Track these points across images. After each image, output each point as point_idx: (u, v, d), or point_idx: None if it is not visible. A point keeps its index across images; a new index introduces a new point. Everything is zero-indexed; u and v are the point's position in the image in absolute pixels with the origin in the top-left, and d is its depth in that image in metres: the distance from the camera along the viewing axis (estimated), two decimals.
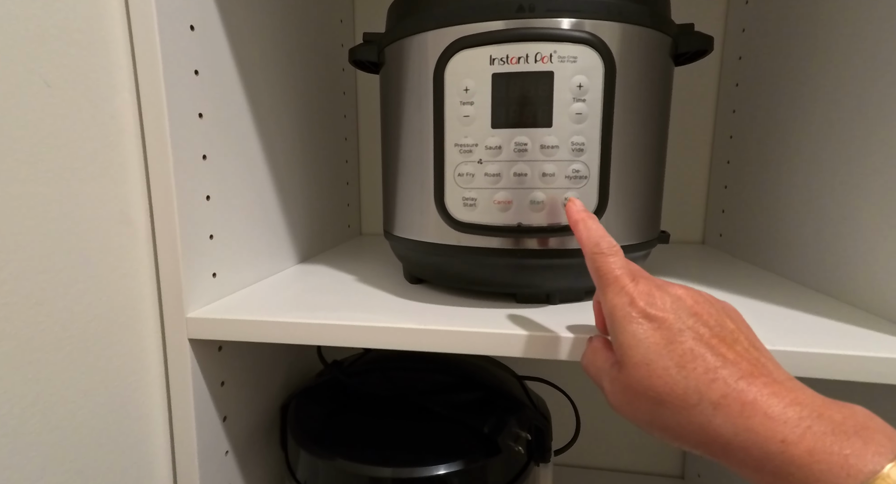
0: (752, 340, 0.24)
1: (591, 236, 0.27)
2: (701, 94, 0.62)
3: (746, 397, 0.20)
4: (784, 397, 0.20)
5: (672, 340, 0.22)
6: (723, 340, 0.23)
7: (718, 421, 0.21)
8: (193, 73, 0.34)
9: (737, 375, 0.21)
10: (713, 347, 0.22)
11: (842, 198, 0.38)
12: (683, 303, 0.24)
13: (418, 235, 0.38)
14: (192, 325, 0.34)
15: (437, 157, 0.34)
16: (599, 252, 0.27)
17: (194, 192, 0.34)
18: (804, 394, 0.20)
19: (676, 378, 0.22)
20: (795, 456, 0.19)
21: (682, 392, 0.22)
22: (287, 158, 0.48)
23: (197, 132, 0.34)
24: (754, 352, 0.23)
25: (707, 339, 0.22)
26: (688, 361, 0.22)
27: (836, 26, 0.39)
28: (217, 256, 0.37)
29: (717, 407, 0.21)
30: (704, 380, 0.21)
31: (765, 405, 0.20)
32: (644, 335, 0.23)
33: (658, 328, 0.23)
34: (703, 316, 0.23)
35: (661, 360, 0.22)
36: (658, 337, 0.23)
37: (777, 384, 0.21)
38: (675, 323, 0.23)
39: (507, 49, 0.31)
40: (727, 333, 0.23)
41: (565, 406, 0.55)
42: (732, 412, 0.20)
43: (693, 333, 0.23)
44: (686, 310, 0.23)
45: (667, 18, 0.35)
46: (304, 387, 0.48)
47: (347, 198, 0.67)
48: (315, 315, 0.34)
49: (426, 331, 0.32)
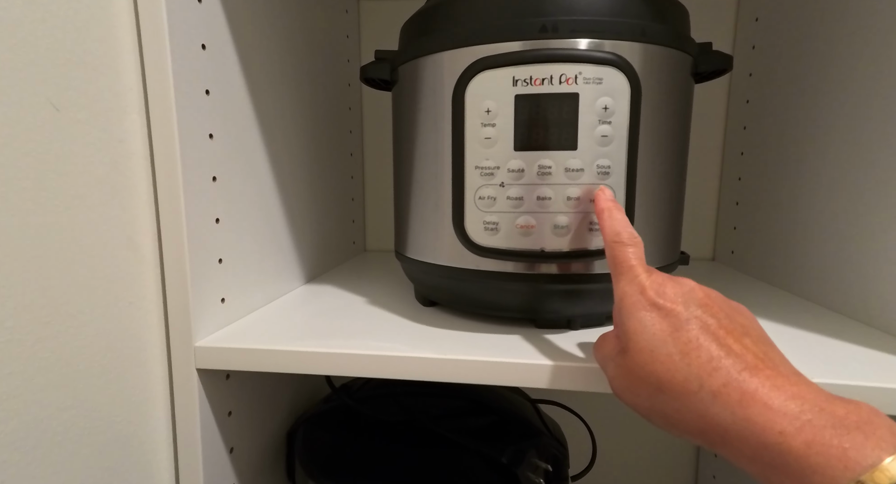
0: (761, 336, 0.23)
1: (614, 225, 0.27)
2: (711, 110, 0.62)
3: (747, 387, 0.20)
4: (786, 390, 0.20)
5: (678, 328, 0.22)
6: (730, 333, 0.22)
7: (716, 409, 0.20)
8: (204, 92, 0.33)
9: (740, 366, 0.21)
10: (719, 338, 0.22)
11: (863, 216, 0.37)
12: (694, 295, 0.24)
13: (434, 258, 0.37)
14: (201, 354, 0.32)
15: (455, 179, 0.33)
16: (619, 241, 0.27)
17: (204, 215, 0.33)
18: (808, 389, 0.20)
19: (679, 365, 0.22)
20: (793, 447, 0.18)
21: (683, 379, 0.22)
22: (295, 176, 0.47)
23: (207, 153, 0.33)
24: (762, 346, 0.22)
25: (714, 329, 0.22)
26: (691, 349, 0.22)
27: (848, 42, 0.39)
28: (226, 281, 0.36)
29: (716, 395, 0.21)
30: (707, 368, 0.21)
31: (765, 396, 0.20)
32: (650, 322, 0.23)
33: (665, 317, 0.23)
34: (713, 308, 0.23)
35: (665, 346, 0.22)
36: (664, 325, 0.23)
37: (781, 377, 0.20)
38: (683, 313, 0.23)
39: (530, 70, 0.30)
40: (735, 327, 0.23)
41: (579, 429, 0.53)
42: (731, 401, 0.20)
43: (700, 323, 0.23)
44: (695, 301, 0.23)
45: (688, 37, 0.34)
46: (311, 413, 0.46)
47: (352, 214, 0.66)
48: (327, 343, 0.33)
49: (446, 361, 0.31)
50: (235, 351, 0.32)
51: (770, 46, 0.52)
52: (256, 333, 0.35)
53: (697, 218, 0.64)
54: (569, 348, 0.32)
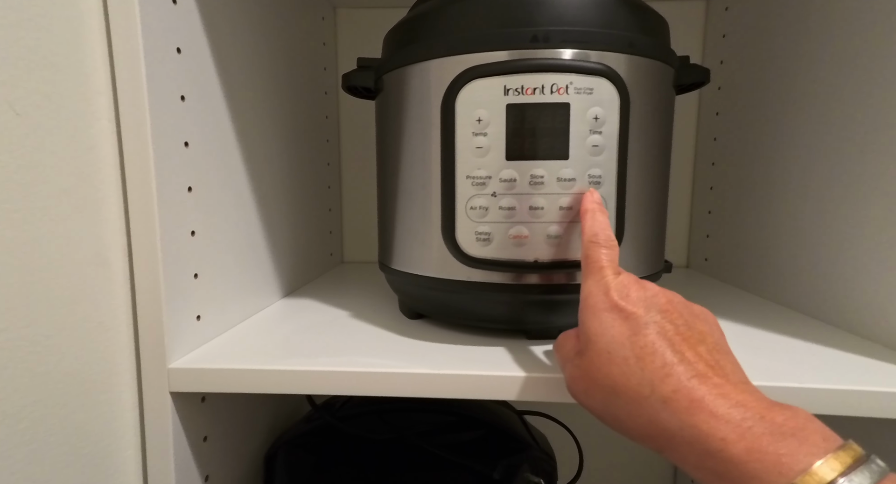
0: (717, 343, 0.24)
1: (594, 226, 0.28)
2: (683, 122, 0.64)
3: (695, 395, 0.21)
4: (731, 398, 0.20)
5: (636, 332, 0.23)
6: (685, 339, 0.23)
7: (665, 415, 0.21)
8: (180, 98, 0.31)
9: (690, 373, 0.21)
10: (674, 345, 0.22)
11: (829, 222, 0.39)
12: (656, 300, 0.24)
13: (422, 270, 0.36)
14: (175, 376, 0.30)
15: (446, 189, 0.33)
16: (595, 242, 0.27)
17: (179, 227, 0.31)
18: (752, 397, 0.21)
19: (633, 369, 0.22)
20: (734, 455, 0.19)
21: (637, 384, 0.22)
22: (273, 186, 0.45)
23: (182, 162, 0.31)
24: (716, 354, 0.23)
25: (670, 336, 0.23)
26: (647, 354, 0.22)
27: (809, 57, 0.41)
28: (202, 297, 0.34)
29: (666, 401, 0.21)
30: (659, 374, 0.22)
31: (711, 404, 0.20)
32: (610, 324, 0.24)
33: (625, 320, 0.23)
34: (672, 314, 0.24)
35: (621, 350, 0.23)
36: (624, 328, 0.23)
37: (729, 385, 0.21)
38: (643, 317, 0.23)
39: (522, 79, 0.30)
40: (693, 334, 0.23)
41: (565, 439, 0.53)
42: (680, 408, 0.21)
43: (657, 328, 0.23)
44: (656, 306, 0.24)
45: (671, 50, 0.35)
46: (291, 433, 0.44)
47: (330, 225, 0.64)
48: (312, 361, 0.31)
49: (437, 376, 0.30)
50: (213, 372, 0.30)
51: (737, 61, 0.54)
52: (235, 352, 0.33)
53: (672, 226, 0.66)
54: None
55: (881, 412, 0.28)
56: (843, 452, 0.18)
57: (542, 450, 0.45)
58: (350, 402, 0.48)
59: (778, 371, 0.30)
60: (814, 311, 0.41)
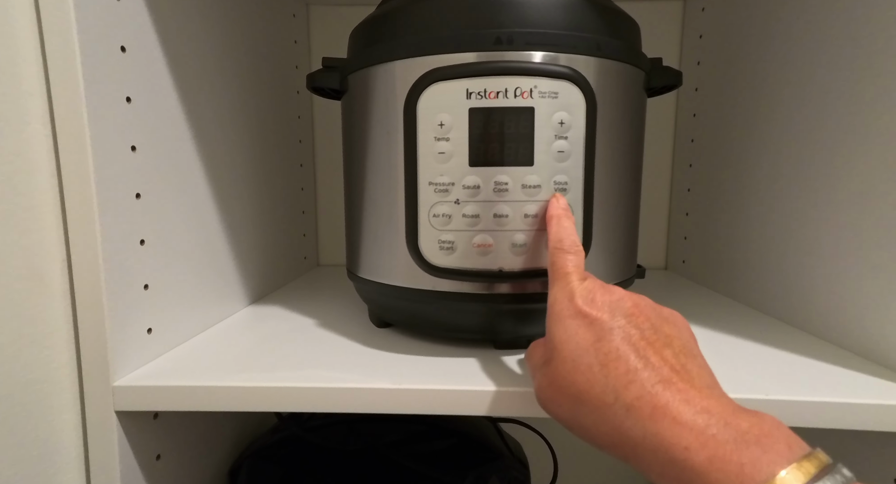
0: (686, 347, 0.23)
1: (559, 232, 0.28)
2: (660, 124, 0.64)
3: (659, 401, 0.20)
4: (696, 405, 0.20)
5: (600, 338, 0.22)
6: (651, 344, 0.22)
7: (629, 423, 0.20)
8: (125, 100, 0.29)
9: (654, 379, 0.21)
10: (638, 350, 0.22)
11: (802, 227, 0.39)
12: (622, 304, 0.24)
13: (388, 279, 0.34)
14: (121, 395, 0.29)
15: (408, 196, 0.31)
16: (561, 248, 0.27)
17: (125, 236, 0.30)
18: (718, 402, 0.20)
19: (598, 376, 0.22)
20: (696, 463, 0.18)
21: (601, 391, 0.21)
22: (237, 190, 0.44)
23: (129, 168, 0.30)
24: (683, 358, 0.22)
25: (635, 340, 0.22)
26: (611, 360, 0.22)
27: (788, 58, 0.41)
28: (153, 309, 0.32)
29: (629, 409, 0.21)
30: (623, 381, 0.21)
31: (675, 411, 0.20)
32: (575, 331, 0.23)
33: (590, 326, 0.23)
34: (638, 318, 0.23)
35: (586, 356, 0.22)
36: (588, 334, 0.23)
37: (693, 390, 0.20)
38: (608, 322, 0.23)
39: (484, 83, 0.29)
40: (659, 337, 0.23)
41: (541, 445, 0.52)
42: (643, 415, 0.20)
43: (622, 333, 0.22)
44: (622, 311, 0.23)
45: (641, 53, 0.34)
46: (257, 446, 0.42)
47: (303, 228, 0.63)
48: (269, 376, 0.30)
49: (401, 391, 0.29)
50: (162, 390, 0.29)
51: (714, 62, 0.54)
52: (188, 367, 0.31)
53: (650, 228, 0.66)
54: (528, 371, 0.31)
55: (850, 424, 0.27)
56: (808, 461, 0.18)
57: (515, 458, 0.45)
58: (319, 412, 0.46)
59: (742, 381, 0.30)
60: (785, 315, 0.41)
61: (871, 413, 0.27)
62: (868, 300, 0.32)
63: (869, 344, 0.33)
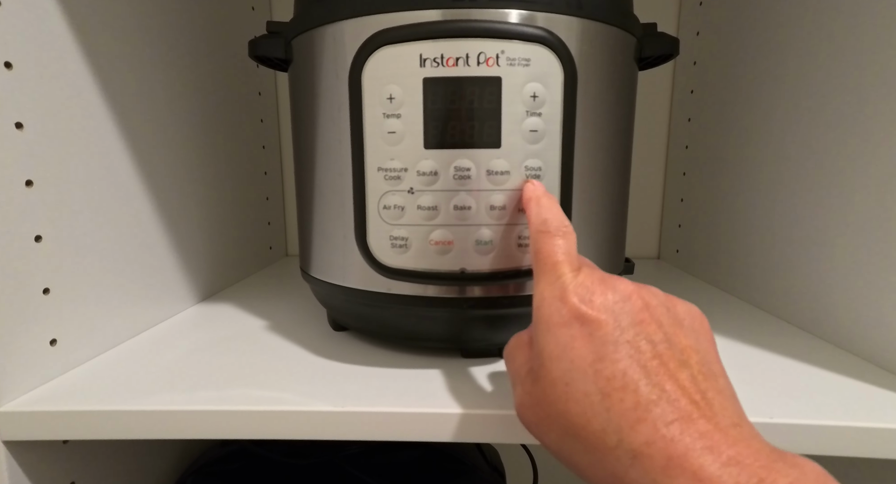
0: (706, 363, 0.19)
1: (541, 213, 0.22)
2: (655, 101, 0.59)
3: (675, 450, 0.16)
4: (722, 453, 0.15)
5: (602, 357, 0.18)
6: (664, 363, 0.18)
7: (635, 474, 0.16)
8: (3, 65, 0.24)
9: (671, 417, 0.16)
10: (651, 373, 0.17)
11: (811, 218, 0.34)
12: (629, 304, 0.19)
13: (340, 280, 0.30)
14: (9, 422, 0.24)
15: (356, 184, 0.27)
16: (545, 231, 0.22)
17: (13, 232, 0.25)
18: (748, 448, 0.16)
19: (597, 409, 0.17)
20: None
21: (600, 429, 0.17)
22: (176, 175, 0.38)
23: (14, 149, 0.25)
24: (703, 382, 0.18)
25: (647, 359, 0.18)
26: (615, 389, 0.17)
27: (793, 29, 0.36)
28: (57, 317, 0.28)
29: (637, 456, 0.16)
30: (630, 418, 0.17)
31: (696, 463, 0.15)
32: (569, 344, 0.19)
33: (589, 336, 0.18)
34: (650, 326, 0.18)
35: (583, 381, 0.18)
36: (586, 349, 0.18)
37: (719, 433, 0.16)
38: (612, 332, 0.18)
39: (441, 47, 0.24)
40: (675, 352, 0.18)
41: (518, 451, 0.49)
42: (655, 466, 0.16)
43: (631, 349, 0.18)
44: (630, 315, 0.19)
45: (632, 16, 0.29)
46: (203, 461, 0.38)
47: (268, 215, 0.58)
48: (190, 397, 0.25)
49: (345, 415, 0.25)
50: (63, 415, 0.24)
51: (714, 33, 0.48)
52: (102, 385, 0.27)
53: (642, 215, 0.61)
54: (501, 386, 0.27)
55: (859, 451, 0.23)
56: None
57: (490, 468, 0.41)
58: None
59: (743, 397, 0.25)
60: (785, 314, 0.37)
61: (889, 439, 0.23)
62: (880, 300, 0.28)
63: (881, 350, 0.29)
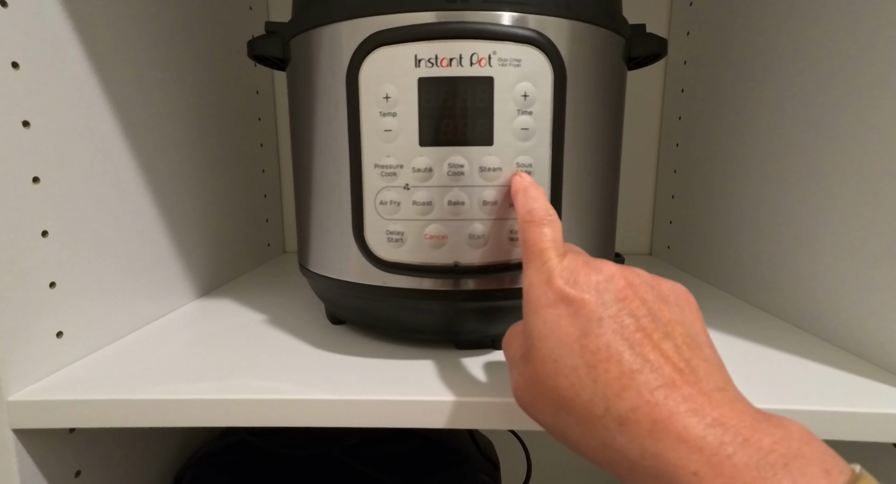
0: (690, 334, 0.19)
1: (528, 203, 0.23)
2: (646, 99, 0.60)
3: (660, 413, 0.17)
4: (706, 415, 0.16)
5: (587, 332, 0.19)
6: (648, 335, 0.18)
7: (624, 439, 0.17)
8: (10, 65, 0.25)
9: (655, 383, 0.17)
10: (635, 344, 0.18)
11: (796, 215, 0.35)
12: (612, 284, 0.20)
13: (337, 274, 0.31)
14: (18, 411, 0.25)
15: (354, 180, 0.27)
16: (531, 220, 0.23)
17: (19, 227, 0.25)
18: (732, 410, 0.16)
19: (584, 381, 0.18)
20: None
21: (588, 399, 0.18)
22: (176, 172, 0.39)
23: (21, 146, 0.25)
24: (687, 350, 0.18)
25: (630, 332, 0.18)
26: (600, 361, 0.18)
27: (778, 32, 0.37)
28: (63, 309, 0.28)
29: (623, 422, 0.17)
30: (615, 387, 0.18)
31: (679, 425, 0.16)
32: (555, 323, 0.19)
33: (574, 315, 0.19)
34: (633, 302, 0.19)
35: (570, 356, 0.19)
36: (572, 327, 0.19)
37: (702, 397, 0.17)
38: (596, 309, 0.19)
39: (435, 47, 0.25)
40: (659, 325, 0.19)
41: (513, 442, 0.50)
42: (641, 431, 0.17)
43: (614, 324, 0.19)
44: (613, 293, 0.19)
45: (621, 17, 0.30)
46: (203, 452, 0.39)
47: (265, 213, 0.58)
48: (199, 387, 0.26)
49: (343, 402, 0.26)
50: (70, 404, 0.25)
51: (704, 33, 0.49)
52: (107, 376, 0.28)
53: (634, 212, 0.62)
54: (494, 376, 0.28)
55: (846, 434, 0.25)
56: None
57: (484, 458, 0.42)
58: None
59: None
60: (775, 309, 0.38)
61: (867, 423, 0.24)
62: (866, 295, 0.29)
63: (867, 344, 0.30)
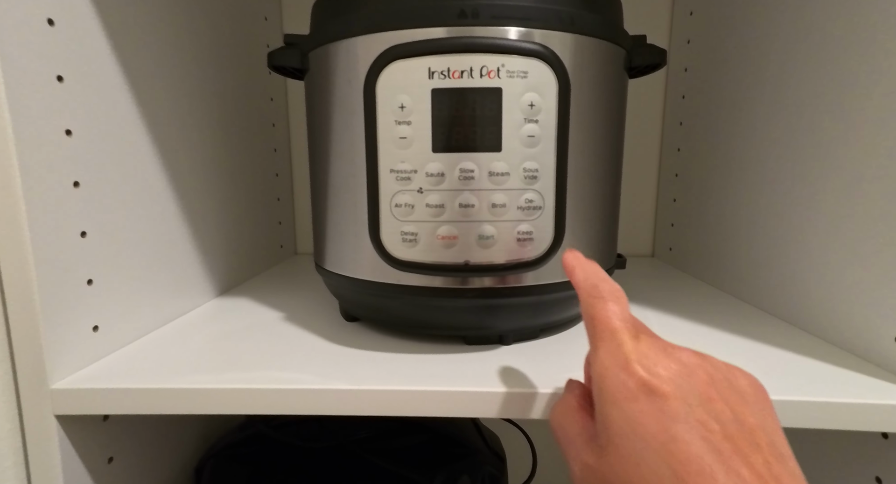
0: (773, 442, 0.18)
1: (589, 278, 0.23)
2: (648, 106, 0.61)
3: None
4: None
5: (674, 438, 0.17)
6: (737, 447, 0.17)
7: None
8: (56, 79, 0.27)
9: None
10: (726, 459, 0.17)
11: (789, 217, 0.37)
12: (694, 378, 0.19)
13: (352, 272, 0.33)
14: (60, 398, 0.27)
15: (370, 184, 0.29)
16: (597, 296, 0.22)
17: (61, 228, 0.27)
18: None
19: None
20: None
21: None
22: (197, 177, 0.41)
23: (64, 154, 0.27)
24: (775, 465, 0.17)
25: (718, 441, 0.17)
26: (690, 474, 0.16)
27: (782, 38, 0.38)
28: (99, 305, 0.30)
29: None
30: None
31: None
32: (638, 421, 0.18)
33: (659, 412, 0.18)
34: (716, 403, 0.18)
35: (656, 461, 0.17)
36: (657, 426, 0.18)
37: None
38: (680, 407, 0.18)
39: (448, 61, 0.27)
40: (745, 433, 0.18)
41: (520, 437, 0.51)
42: None
43: (702, 431, 0.17)
44: (695, 390, 0.18)
45: (622, 29, 0.32)
46: (222, 443, 0.41)
47: (279, 215, 0.60)
48: (219, 377, 0.28)
49: (360, 392, 0.27)
50: (106, 392, 0.27)
51: (705, 41, 0.51)
52: (141, 366, 0.29)
53: (636, 215, 0.64)
54: (502, 369, 0.29)
55: (836, 424, 0.26)
56: None
57: (491, 452, 0.43)
58: None
59: None
60: (774, 308, 0.40)
61: (857, 413, 0.26)
62: (854, 294, 0.31)
63: (856, 340, 0.31)
